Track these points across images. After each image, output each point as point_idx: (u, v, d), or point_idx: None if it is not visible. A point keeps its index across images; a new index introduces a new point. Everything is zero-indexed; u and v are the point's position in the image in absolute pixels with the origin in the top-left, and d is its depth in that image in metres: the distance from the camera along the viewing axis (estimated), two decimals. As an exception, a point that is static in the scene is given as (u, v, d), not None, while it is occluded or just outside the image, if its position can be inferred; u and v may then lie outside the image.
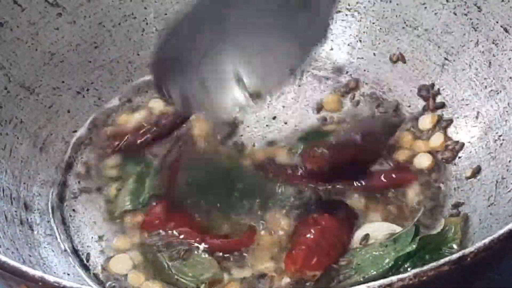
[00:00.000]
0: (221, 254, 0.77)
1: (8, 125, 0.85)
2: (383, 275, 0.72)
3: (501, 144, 0.81)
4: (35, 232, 0.80)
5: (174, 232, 0.78)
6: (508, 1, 0.84)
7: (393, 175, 0.82)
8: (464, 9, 0.87)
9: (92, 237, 0.81)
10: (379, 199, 0.81)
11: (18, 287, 0.64)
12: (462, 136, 0.85)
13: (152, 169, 0.84)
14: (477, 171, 0.82)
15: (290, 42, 0.73)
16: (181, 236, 0.78)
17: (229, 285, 0.75)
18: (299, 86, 0.91)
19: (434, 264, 0.59)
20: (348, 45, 0.94)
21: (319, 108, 0.89)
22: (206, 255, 0.76)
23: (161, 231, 0.78)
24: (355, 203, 0.80)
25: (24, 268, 0.62)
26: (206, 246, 0.77)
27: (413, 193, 0.81)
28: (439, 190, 0.82)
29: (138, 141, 0.86)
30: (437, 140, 0.85)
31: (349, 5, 0.94)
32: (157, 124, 0.87)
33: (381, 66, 0.92)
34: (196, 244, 0.77)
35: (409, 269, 0.73)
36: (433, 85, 0.88)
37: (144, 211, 0.81)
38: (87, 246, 0.80)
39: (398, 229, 0.78)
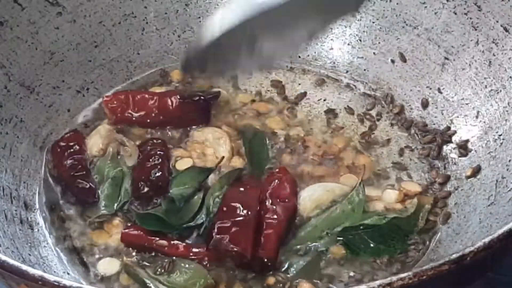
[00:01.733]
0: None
1: (8, 124, 0.85)
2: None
3: (501, 143, 0.81)
4: (35, 231, 0.80)
5: (157, 242, 0.78)
6: (508, 1, 0.84)
7: None
8: (464, 9, 0.87)
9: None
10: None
11: (18, 286, 0.64)
12: (462, 135, 0.85)
13: (126, 174, 0.84)
14: (477, 170, 0.82)
15: (315, 9, 0.70)
16: (164, 248, 0.78)
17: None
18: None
19: (434, 263, 0.59)
20: (348, 44, 0.94)
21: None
22: (192, 264, 0.76)
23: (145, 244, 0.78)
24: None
25: (24, 267, 0.62)
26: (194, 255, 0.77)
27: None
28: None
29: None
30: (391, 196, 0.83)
31: (349, 4, 0.94)
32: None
33: (381, 66, 0.92)
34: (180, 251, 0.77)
35: (368, 242, 0.77)
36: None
37: (120, 216, 0.81)
38: (87, 245, 0.80)
39: (335, 185, 0.81)
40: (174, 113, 0.87)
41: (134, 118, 0.88)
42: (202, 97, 0.88)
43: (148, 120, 0.88)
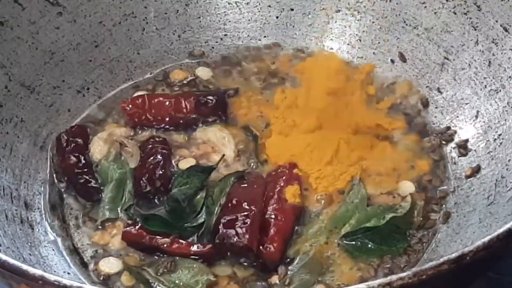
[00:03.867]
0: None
1: (8, 124, 0.85)
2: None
3: (501, 143, 0.81)
4: (36, 231, 0.80)
5: (158, 240, 0.78)
6: (508, 0, 0.84)
7: None
8: (464, 8, 0.87)
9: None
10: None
11: (18, 286, 0.64)
12: (462, 135, 0.85)
13: (129, 175, 0.83)
14: (476, 170, 0.82)
15: None
16: (165, 245, 0.78)
17: (229, 285, 0.76)
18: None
19: (433, 263, 0.59)
20: (348, 44, 0.94)
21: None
22: (194, 263, 0.76)
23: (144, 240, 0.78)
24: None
25: (24, 267, 0.62)
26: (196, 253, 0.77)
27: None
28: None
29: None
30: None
31: (349, 4, 0.94)
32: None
33: (381, 65, 0.92)
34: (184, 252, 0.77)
35: (370, 245, 0.78)
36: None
37: (124, 218, 0.81)
38: (87, 245, 0.80)
39: None
40: (190, 114, 0.87)
41: (151, 121, 0.88)
42: (217, 97, 0.88)
43: (166, 122, 0.88)
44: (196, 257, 0.77)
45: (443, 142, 0.86)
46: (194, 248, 0.77)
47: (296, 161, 0.84)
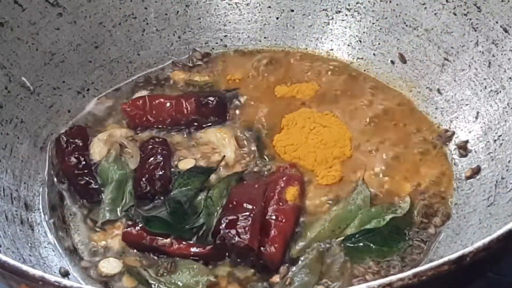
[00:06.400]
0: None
1: (8, 124, 0.85)
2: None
3: (501, 144, 0.81)
4: (36, 232, 0.80)
5: (159, 241, 0.78)
6: (508, 1, 0.84)
7: None
8: (464, 9, 0.87)
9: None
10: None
11: (19, 286, 0.64)
12: (462, 136, 0.85)
13: (130, 176, 0.83)
14: (476, 171, 0.82)
15: None
16: (165, 246, 0.78)
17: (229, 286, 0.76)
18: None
19: (433, 264, 0.59)
20: (348, 45, 0.94)
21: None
22: (194, 264, 0.76)
23: (144, 241, 0.78)
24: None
25: (25, 267, 0.62)
26: (196, 253, 0.77)
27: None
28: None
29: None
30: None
31: (349, 5, 0.94)
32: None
33: (381, 66, 0.92)
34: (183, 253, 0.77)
35: (371, 246, 0.78)
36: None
37: (124, 219, 0.81)
38: (87, 245, 0.80)
39: None
40: (191, 115, 0.88)
41: (152, 122, 0.88)
42: (217, 98, 0.88)
43: (166, 123, 0.88)
44: (196, 258, 0.77)
45: (443, 143, 0.86)
46: (194, 249, 0.77)
47: (301, 159, 0.84)
